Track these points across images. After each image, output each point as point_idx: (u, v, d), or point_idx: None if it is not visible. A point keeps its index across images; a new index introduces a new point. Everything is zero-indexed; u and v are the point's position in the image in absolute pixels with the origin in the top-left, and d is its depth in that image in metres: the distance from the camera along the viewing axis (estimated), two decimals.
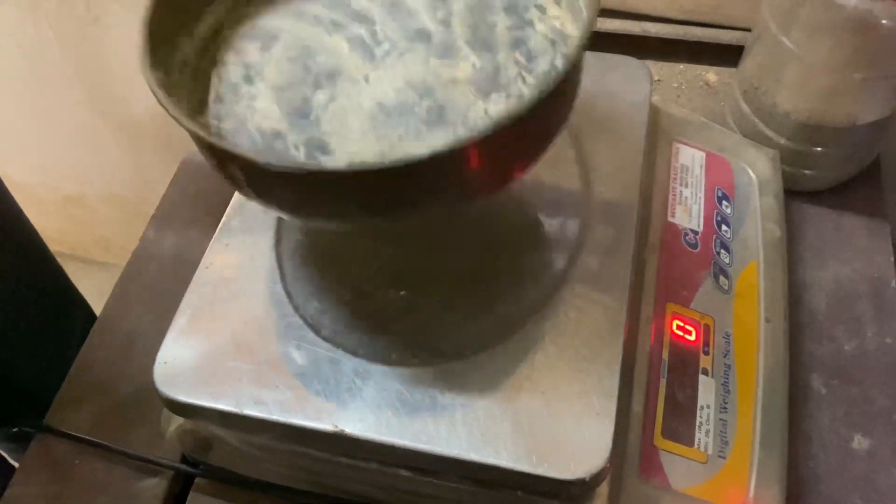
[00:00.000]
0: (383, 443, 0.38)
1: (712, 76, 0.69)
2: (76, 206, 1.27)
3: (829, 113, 0.54)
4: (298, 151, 0.37)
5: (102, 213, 1.26)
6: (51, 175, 1.21)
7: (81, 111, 1.03)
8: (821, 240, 0.59)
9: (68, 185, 1.22)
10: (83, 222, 1.30)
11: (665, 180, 0.53)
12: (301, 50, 0.41)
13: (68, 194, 1.24)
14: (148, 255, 0.62)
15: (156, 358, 0.41)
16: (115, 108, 1.01)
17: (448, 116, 0.37)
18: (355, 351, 0.41)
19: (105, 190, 1.20)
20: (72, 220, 1.31)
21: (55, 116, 1.05)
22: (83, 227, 1.31)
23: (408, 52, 0.40)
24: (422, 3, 0.42)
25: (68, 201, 1.26)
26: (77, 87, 0.99)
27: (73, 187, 1.22)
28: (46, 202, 1.27)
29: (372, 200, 0.36)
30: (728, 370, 0.47)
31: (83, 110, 1.03)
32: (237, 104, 0.39)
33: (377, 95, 0.38)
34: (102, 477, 0.51)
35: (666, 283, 0.48)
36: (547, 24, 0.40)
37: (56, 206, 1.28)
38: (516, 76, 0.38)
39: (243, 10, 0.43)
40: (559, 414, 0.39)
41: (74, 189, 1.23)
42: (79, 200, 1.24)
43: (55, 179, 1.22)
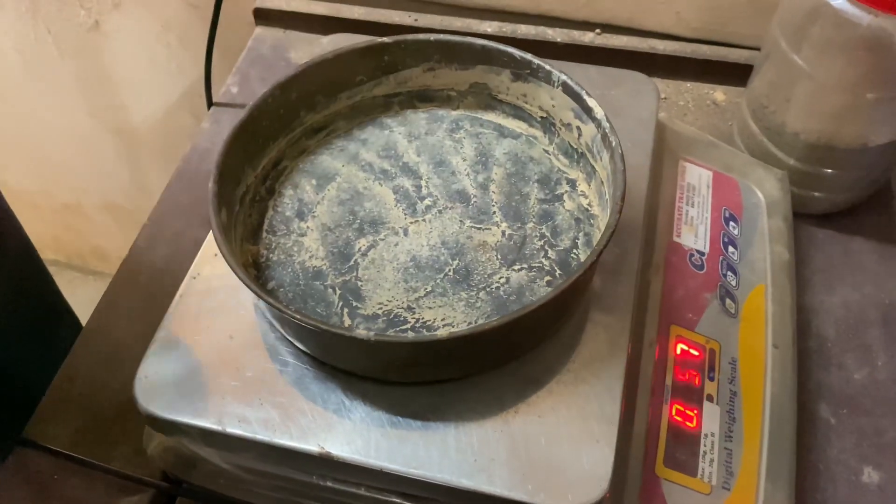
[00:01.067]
0: (371, 467, 0.37)
1: (720, 95, 0.68)
2: (73, 215, 1.25)
3: (839, 134, 0.53)
4: (335, 293, 0.40)
5: (98, 222, 1.24)
6: (49, 182, 1.20)
7: (80, 118, 1.02)
8: (830, 264, 0.58)
9: (65, 193, 1.21)
10: (79, 231, 1.29)
11: (671, 199, 0.52)
12: (352, 194, 0.45)
13: (66, 202, 1.23)
14: (138, 265, 0.60)
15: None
16: (113, 115, 1.00)
17: (473, 279, 0.41)
18: (344, 369, 0.39)
19: (102, 199, 1.19)
20: (68, 228, 1.30)
21: (54, 123, 1.04)
22: (79, 236, 1.30)
23: (447, 210, 0.43)
24: (466, 164, 0.45)
25: (65, 209, 1.24)
26: (76, 93, 0.98)
27: (70, 195, 1.21)
28: (44, 210, 1.26)
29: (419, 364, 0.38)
30: (734, 397, 0.45)
31: (82, 117, 1.01)
32: (287, 238, 0.43)
33: (413, 249, 0.42)
34: (81, 494, 0.49)
35: (670, 305, 0.47)
36: (575, 202, 0.43)
37: (53, 213, 1.26)
38: (540, 249, 0.42)
39: (304, 144, 0.47)
40: (557, 440, 0.37)
41: (71, 197, 1.21)
42: (76, 209, 1.23)
43: (53, 187, 1.20)
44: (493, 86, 0.48)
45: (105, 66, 0.93)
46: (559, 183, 0.45)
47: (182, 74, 0.91)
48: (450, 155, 0.46)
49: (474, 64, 0.47)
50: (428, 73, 0.48)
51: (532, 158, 0.46)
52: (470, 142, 0.47)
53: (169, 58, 0.90)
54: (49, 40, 0.92)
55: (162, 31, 0.86)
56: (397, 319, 0.39)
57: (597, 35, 0.69)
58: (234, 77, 0.71)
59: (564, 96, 0.44)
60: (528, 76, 0.46)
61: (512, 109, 0.48)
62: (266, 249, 0.43)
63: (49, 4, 0.87)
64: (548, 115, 0.46)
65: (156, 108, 0.97)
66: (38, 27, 0.90)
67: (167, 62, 0.90)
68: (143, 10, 0.84)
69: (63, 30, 0.90)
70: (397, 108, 0.49)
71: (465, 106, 0.49)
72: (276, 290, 0.41)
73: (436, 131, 0.48)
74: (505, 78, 0.47)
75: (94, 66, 0.93)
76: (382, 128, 0.48)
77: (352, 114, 0.49)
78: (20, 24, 0.90)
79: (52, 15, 0.88)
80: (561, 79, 0.44)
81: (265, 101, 0.44)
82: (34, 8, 0.88)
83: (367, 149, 0.47)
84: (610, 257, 0.43)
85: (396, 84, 0.49)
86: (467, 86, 0.48)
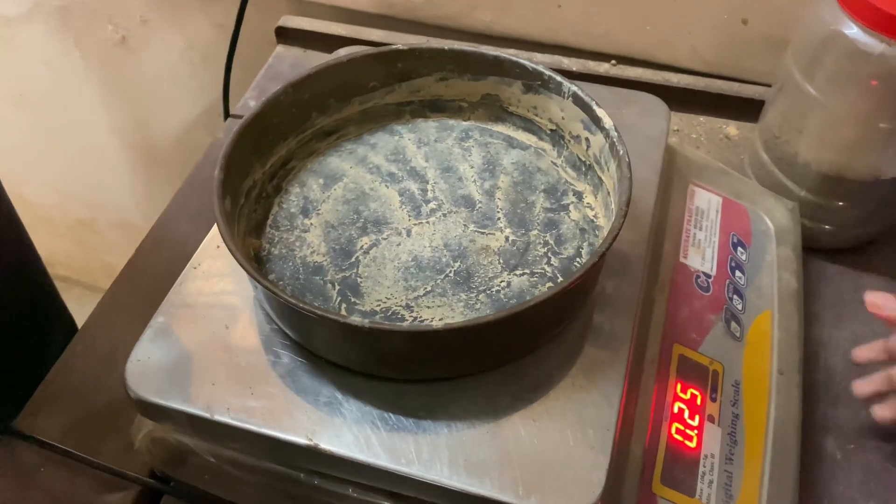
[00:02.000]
0: (359, 461, 0.36)
1: (733, 130, 0.68)
2: (86, 231, 1.26)
3: (851, 165, 0.53)
4: (334, 289, 0.40)
5: (110, 239, 1.25)
6: (65, 197, 1.21)
7: (100, 133, 1.03)
8: (839, 299, 0.57)
9: (80, 209, 1.22)
10: (91, 247, 1.29)
11: (679, 221, 0.51)
12: (357, 194, 0.45)
13: (80, 217, 1.24)
14: (142, 266, 0.60)
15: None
16: (133, 131, 1.02)
17: (473, 282, 0.40)
18: (337, 363, 0.39)
19: (115, 215, 1.20)
20: (81, 244, 1.31)
21: (74, 137, 1.06)
22: (90, 252, 1.31)
23: (451, 213, 0.43)
24: (473, 171, 0.46)
25: (79, 225, 1.25)
26: (98, 108, 1.00)
27: (84, 211, 1.22)
28: (58, 224, 1.27)
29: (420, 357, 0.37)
30: (736, 420, 0.44)
31: (102, 132, 1.03)
32: (290, 233, 0.43)
33: (415, 249, 0.42)
34: (66, 488, 0.48)
35: (674, 324, 0.46)
36: (581, 212, 0.43)
37: (67, 228, 1.27)
38: (543, 256, 0.42)
39: (314, 146, 0.48)
40: (551, 444, 0.36)
41: (86, 213, 1.22)
42: (89, 224, 1.24)
43: (69, 202, 1.22)
44: (505, 97, 0.48)
45: (128, 81, 0.95)
46: (566, 194, 0.45)
47: (203, 93, 0.93)
48: (457, 162, 0.47)
49: (486, 74, 0.47)
50: (440, 82, 0.48)
51: (540, 169, 0.46)
52: (478, 150, 0.47)
53: (191, 76, 0.91)
54: (76, 54, 0.94)
55: (186, 48, 0.88)
56: (395, 317, 0.39)
57: (612, 66, 0.69)
58: (253, 91, 0.72)
59: (574, 107, 0.44)
60: (539, 87, 0.46)
61: (522, 122, 0.48)
62: (268, 243, 0.43)
63: (78, 19, 0.90)
64: (557, 128, 0.46)
65: (174, 126, 0.98)
66: (67, 41, 0.93)
67: (189, 80, 0.92)
68: (170, 28, 0.86)
69: (90, 44, 0.92)
70: (409, 116, 0.50)
71: (476, 117, 0.50)
72: (276, 283, 0.41)
73: (445, 139, 0.48)
74: (516, 89, 0.47)
75: (117, 81, 0.95)
76: (392, 134, 0.49)
77: (363, 119, 0.49)
78: (49, 37, 0.93)
79: (81, 29, 0.91)
80: (571, 90, 0.44)
81: (277, 98, 0.44)
82: (64, 21, 0.90)
83: (375, 153, 0.47)
84: (615, 266, 0.42)
85: (409, 92, 0.49)
86: (479, 97, 0.49)
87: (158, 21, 0.86)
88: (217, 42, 0.86)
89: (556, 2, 0.68)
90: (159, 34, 0.87)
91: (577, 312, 0.40)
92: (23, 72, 0.99)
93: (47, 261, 0.64)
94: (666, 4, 0.66)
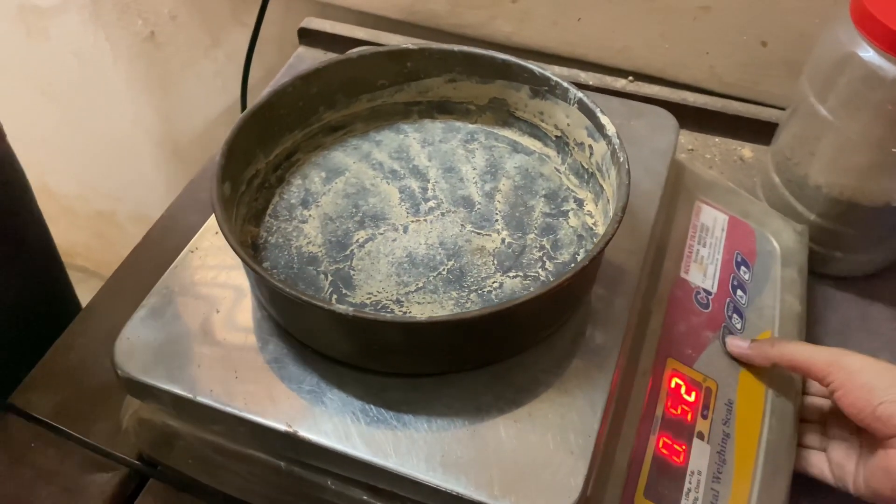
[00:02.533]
0: (337, 451, 0.35)
1: (747, 152, 0.67)
2: (106, 223, 1.28)
3: (863, 190, 0.52)
4: (326, 279, 0.40)
5: (129, 233, 1.27)
6: (87, 188, 1.23)
7: (124, 126, 1.05)
8: (845, 327, 0.56)
9: (101, 201, 1.24)
10: (109, 240, 1.31)
11: (682, 236, 0.51)
12: (358, 188, 0.45)
13: (100, 209, 1.26)
14: (148, 252, 0.61)
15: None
16: (156, 125, 1.03)
17: (466, 281, 0.40)
18: (322, 352, 0.39)
19: (135, 209, 1.21)
20: (100, 236, 1.32)
21: (99, 129, 1.08)
22: (108, 244, 1.32)
23: (449, 213, 0.43)
24: (475, 173, 0.46)
25: (99, 217, 1.27)
26: (124, 101, 1.02)
27: (105, 203, 1.24)
28: (79, 215, 1.29)
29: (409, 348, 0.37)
30: (727, 439, 0.43)
31: (126, 125, 1.05)
32: (289, 223, 0.43)
33: (410, 246, 0.42)
34: (54, 465, 0.48)
35: (670, 339, 0.45)
36: (580, 219, 0.43)
37: (87, 220, 1.29)
38: (538, 260, 0.41)
39: (320, 140, 0.48)
40: (530, 446, 0.35)
41: (106, 205, 1.24)
42: (109, 217, 1.26)
43: (90, 193, 1.23)
44: (512, 102, 0.48)
45: (155, 76, 0.97)
46: (566, 200, 0.45)
47: (225, 91, 0.94)
48: (460, 163, 0.47)
49: (494, 78, 0.48)
50: (449, 84, 0.49)
51: (542, 175, 0.46)
52: (482, 153, 0.47)
53: (215, 73, 0.93)
54: (106, 47, 0.96)
55: (211, 45, 0.90)
56: (384, 310, 0.39)
57: (629, 82, 0.69)
58: (271, 88, 0.73)
59: (579, 114, 0.44)
60: (546, 93, 0.46)
61: (528, 127, 0.48)
62: (266, 232, 0.43)
63: (110, 12, 0.91)
64: (562, 135, 0.46)
65: (197, 122, 0.99)
66: (98, 33, 0.94)
67: (213, 77, 0.93)
68: (197, 24, 0.88)
69: (120, 37, 0.94)
70: (416, 116, 0.50)
71: (483, 120, 0.50)
72: (269, 271, 0.41)
73: (450, 140, 0.48)
74: (524, 94, 0.47)
75: (144, 75, 0.97)
76: (398, 132, 0.49)
77: (370, 117, 0.49)
78: (81, 29, 0.95)
79: (112, 22, 0.92)
80: (577, 96, 0.44)
81: (285, 89, 0.45)
82: (96, 14, 0.92)
83: (380, 149, 0.48)
84: (610, 274, 0.42)
85: (417, 92, 0.49)
86: (487, 100, 0.49)
87: (186, 18, 0.88)
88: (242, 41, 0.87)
89: (576, 15, 0.68)
90: (187, 31, 0.89)
91: (566, 317, 0.40)
92: (53, 62, 1.01)
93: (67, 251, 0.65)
94: (686, 24, 0.66)
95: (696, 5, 0.64)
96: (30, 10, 0.97)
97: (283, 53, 0.79)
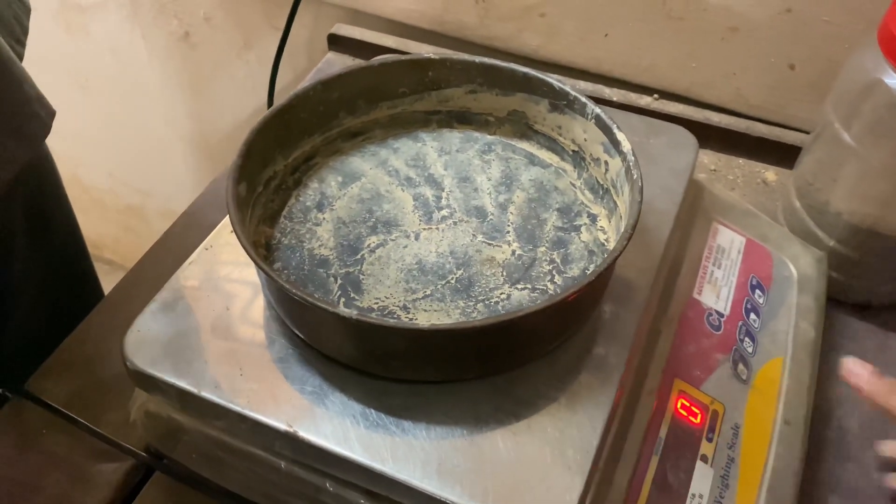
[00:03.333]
0: (334, 453, 0.36)
1: (771, 175, 0.67)
2: (135, 217, 1.30)
3: (884, 219, 0.51)
4: (335, 283, 0.41)
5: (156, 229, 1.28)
6: (118, 182, 1.25)
7: (157, 123, 1.07)
8: (863, 357, 0.53)
9: (131, 195, 1.26)
10: (137, 234, 1.34)
11: (697, 256, 0.50)
12: (373, 194, 0.46)
13: (130, 203, 1.28)
14: (169, 248, 0.62)
15: None
16: (187, 124, 1.05)
17: (473, 291, 0.40)
18: (327, 354, 0.39)
19: (164, 204, 1.24)
20: (128, 230, 1.35)
21: (131, 124, 1.10)
22: (136, 238, 1.35)
23: (462, 222, 0.44)
24: (490, 184, 0.46)
25: (129, 210, 1.29)
26: (158, 99, 1.04)
27: (135, 197, 1.26)
28: (109, 209, 1.31)
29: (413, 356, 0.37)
30: (731, 463, 0.42)
31: (159, 122, 1.07)
32: (302, 225, 0.44)
33: (420, 253, 0.42)
34: (63, 452, 0.49)
35: (678, 359, 0.45)
36: (592, 234, 0.43)
37: (117, 213, 1.32)
38: (547, 273, 0.41)
39: (339, 145, 0.49)
40: (528, 459, 0.35)
41: (136, 199, 1.26)
42: (138, 211, 1.28)
43: (121, 187, 1.26)
44: (531, 115, 0.48)
45: (188, 75, 0.99)
46: (580, 215, 0.45)
47: (255, 93, 0.95)
48: (476, 173, 0.47)
49: (515, 91, 0.48)
50: (469, 94, 0.49)
51: (557, 188, 0.46)
52: (498, 164, 0.47)
53: (247, 75, 0.94)
54: (142, 45, 0.98)
55: (243, 48, 0.91)
56: (391, 316, 0.39)
57: (654, 100, 0.69)
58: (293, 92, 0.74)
59: (596, 129, 0.44)
60: (565, 107, 0.46)
61: (546, 141, 0.48)
62: (280, 233, 0.44)
63: (147, 12, 0.93)
64: (579, 150, 0.46)
65: (226, 123, 1.01)
66: (135, 32, 0.97)
67: (244, 79, 0.95)
68: (231, 26, 0.90)
69: (156, 36, 0.96)
70: (435, 125, 0.50)
71: (501, 132, 0.50)
72: (280, 272, 0.41)
73: (467, 150, 0.48)
74: (543, 108, 0.47)
75: (178, 74, 0.99)
76: (416, 140, 0.49)
77: (390, 124, 0.50)
78: (119, 26, 0.97)
79: (149, 21, 0.94)
80: (595, 112, 0.44)
81: (306, 93, 0.46)
82: (134, 13, 0.94)
83: (397, 156, 0.48)
84: (619, 291, 0.42)
85: (438, 102, 0.50)
86: (506, 112, 0.49)
87: (221, 20, 0.89)
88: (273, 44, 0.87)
89: (603, 31, 0.68)
90: (220, 32, 0.90)
91: (570, 332, 0.39)
92: (91, 58, 1.03)
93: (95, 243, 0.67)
94: (713, 44, 0.65)
95: (725, 26, 0.64)
96: (71, 7, 0.99)
97: (312, 58, 0.81)
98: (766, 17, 0.62)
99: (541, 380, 0.38)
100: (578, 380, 0.38)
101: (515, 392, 0.38)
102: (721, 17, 0.64)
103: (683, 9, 0.64)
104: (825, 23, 0.60)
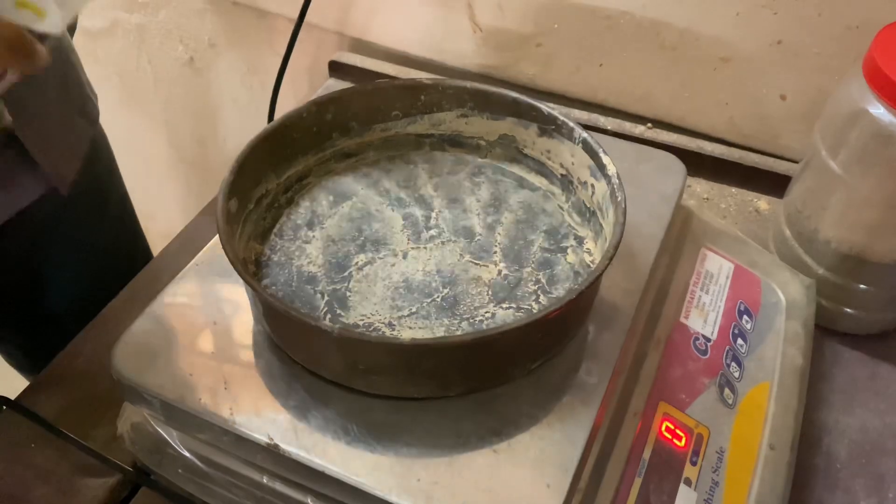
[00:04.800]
0: (314, 467, 0.36)
1: (763, 204, 0.67)
2: None
3: (872, 247, 0.51)
4: (322, 299, 0.41)
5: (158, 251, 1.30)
6: None
7: (161, 146, 1.09)
8: (852, 385, 0.55)
9: None
10: None
11: (685, 281, 0.51)
12: (363, 213, 0.47)
13: None
14: (164, 265, 0.63)
15: None
16: (191, 148, 1.06)
17: (458, 309, 0.41)
18: (310, 369, 0.39)
19: (167, 227, 1.24)
20: None
21: (136, 147, 1.11)
22: None
23: (449, 242, 0.45)
24: (479, 205, 0.47)
25: None
26: (162, 122, 1.05)
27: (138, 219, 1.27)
28: None
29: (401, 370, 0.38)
30: (715, 487, 0.42)
31: (163, 145, 1.08)
32: (293, 243, 0.45)
33: (408, 271, 0.43)
34: (50, 466, 0.49)
35: (664, 382, 0.45)
36: (578, 256, 0.44)
37: None
38: (532, 293, 0.42)
39: (332, 165, 0.50)
40: (507, 477, 0.35)
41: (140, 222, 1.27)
42: None
43: None
44: (521, 139, 0.49)
45: (192, 100, 1.00)
46: (566, 237, 0.45)
47: (258, 117, 0.97)
48: (465, 195, 0.47)
49: (505, 115, 0.49)
50: (461, 118, 0.50)
51: (545, 210, 0.47)
52: (488, 186, 0.48)
53: (250, 100, 0.96)
54: (148, 70, 1.00)
55: (248, 73, 0.93)
56: (375, 332, 0.39)
57: (647, 129, 0.70)
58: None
59: (584, 153, 0.45)
60: (553, 132, 0.47)
61: (536, 164, 0.49)
62: (270, 250, 0.44)
63: (154, 37, 0.95)
64: (567, 173, 0.47)
65: (229, 147, 1.02)
66: (141, 56, 0.98)
67: (248, 104, 0.96)
68: (235, 52, 0.91)
69: (162, 61, 0.97)
70: (428, 148, 0.51)
71: (492, 156, 0.51)
72: (268, 288, 0.42)
73: (458, 172, 0.49)
74: (532, 132, 0.48)
75: (182, 98, 1.00)
76: (408, 162, 0.50)
77: (383, 146, 0.51)
78: (126, 52, 0.99)
79: (155, 47, 0.96)
80: (582, 136, 0.45)
81: (299, 114, 0.46)
82: (140, 38, 0.96)
83: (389, 177, 0.49)
84: (605, 313, 0.42)
85: (430, 125, 0.50)
86: (497, 136, 0.50)
87: (225, 46, 0.91)
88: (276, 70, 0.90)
89: (598, 60, 0.69)
90: (224, 58, 0.92)
91: (553, 351, 0.40)
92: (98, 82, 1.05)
93: None
94: (706, 74, 0.66)
95: (717, 56, 0.65)
96: (81, 33, 1.01)
97: (314, 84, 0.82)
98: (757, 48, 0.63)
99: (523, 399, 0.38)
100: (561, 399, 0.39)
101: (497, 410, 0.38)
102: (713, 47, 0.65)
103: (677, 39, 0.65)
104: (815, 54, 0.61)
